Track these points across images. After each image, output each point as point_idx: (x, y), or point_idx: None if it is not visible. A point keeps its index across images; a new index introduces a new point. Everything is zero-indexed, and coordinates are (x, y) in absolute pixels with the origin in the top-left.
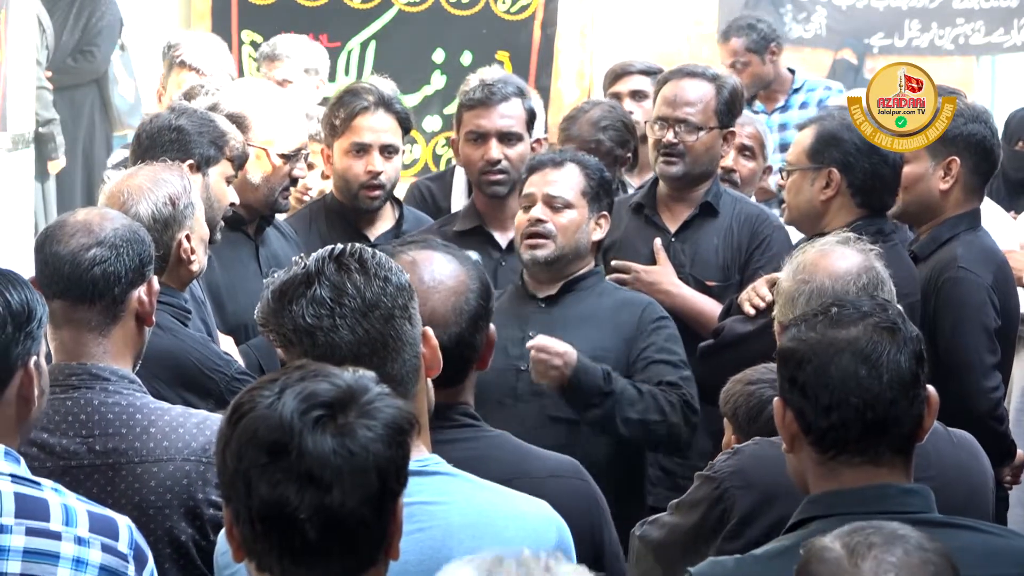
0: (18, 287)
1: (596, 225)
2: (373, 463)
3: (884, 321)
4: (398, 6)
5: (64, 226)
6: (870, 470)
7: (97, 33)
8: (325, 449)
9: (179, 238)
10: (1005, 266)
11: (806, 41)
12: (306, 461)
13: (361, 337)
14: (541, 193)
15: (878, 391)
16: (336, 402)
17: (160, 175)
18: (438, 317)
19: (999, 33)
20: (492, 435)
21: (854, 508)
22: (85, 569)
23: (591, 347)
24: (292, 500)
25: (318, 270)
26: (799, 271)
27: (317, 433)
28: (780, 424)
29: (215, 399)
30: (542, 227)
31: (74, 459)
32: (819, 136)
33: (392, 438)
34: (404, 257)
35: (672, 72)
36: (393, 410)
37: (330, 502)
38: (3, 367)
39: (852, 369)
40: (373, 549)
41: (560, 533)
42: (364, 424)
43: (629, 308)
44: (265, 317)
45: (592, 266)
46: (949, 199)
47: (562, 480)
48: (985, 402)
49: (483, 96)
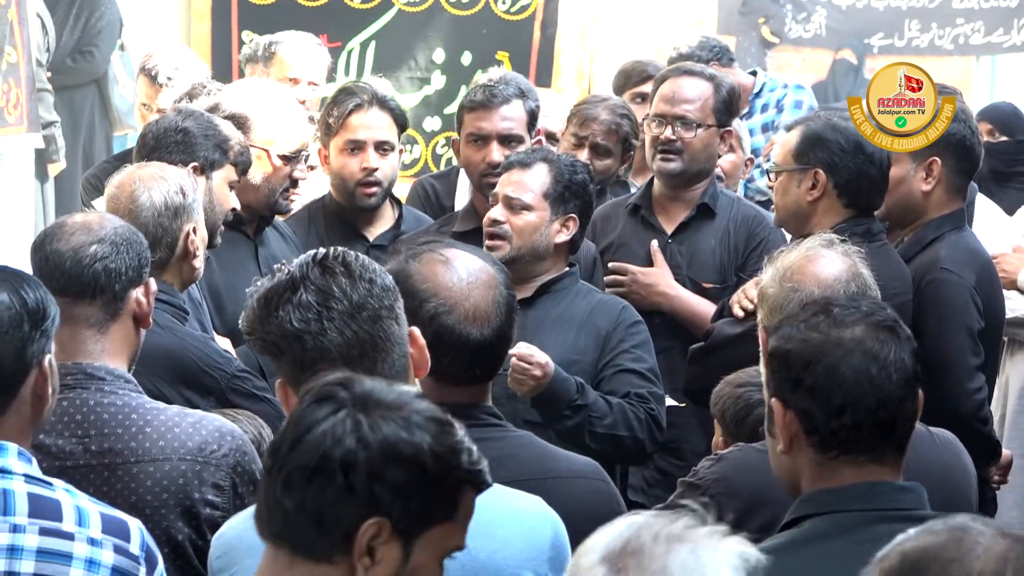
0: (33, 286)
1: (562, 227)
2: (326, 445)
3: (885, 320)
4: (398, 6)
5: (63, 226)
6: (872, 468)
7: (97, 33)
8: (309, 419)
9: (187, 229)
10: (989, 267)
11: (806, 41)
12: (293, 421)
13: (350, 339)
14: (502, 194)
15: (890, 390)
16: (363, 397)
17: (168, 168)
18: (481, 312)
19: (999, 33)
20: (517, 435)
21: (847, 505)
22: (98, 570)
23: (565, 350)
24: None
25: (303, 275)
26: (786, 278)
27: (315, 405)
28: (780, 425)
29: (215, 397)
30: (498, 228)
31: (70, 459)
32: (804, 137)
33: (374, 447)
34: (436, 256)
35: (670, 70)
36: (403, 433)
37: (284, 461)
38: (20, 366)
39: (864, 369)
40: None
41: (555, 530)
42: (357, 419)
43: (604, 311)
44: (251, 325)
45: (565, 268)
46: (931, 200)
47: (586, 480)
48: (969, 403)
49: (484, 98)
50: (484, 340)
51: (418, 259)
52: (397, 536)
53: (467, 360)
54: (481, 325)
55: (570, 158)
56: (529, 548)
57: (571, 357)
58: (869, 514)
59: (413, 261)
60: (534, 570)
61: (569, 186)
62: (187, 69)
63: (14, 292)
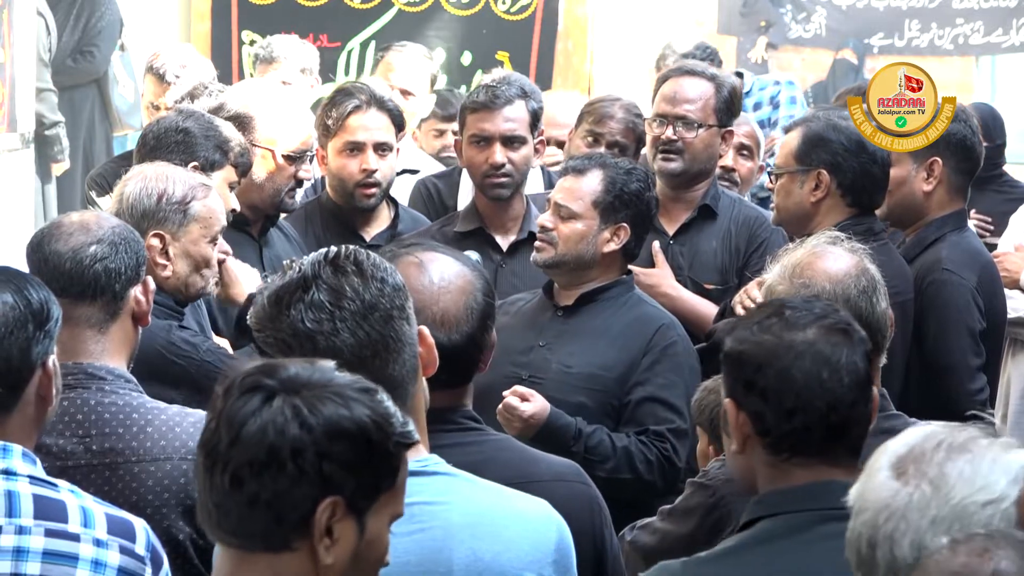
0: (36, 287)
1: (612, 236)
2: (271, 437)
3: (838, 322)
4: (398, 6)
5: (60, 226)
6: (824, 470)
7: (97, 33)
8: (243, 412)
9: (148, 235)
10: (990, 267)
11: (806, 41)
12: (225, 417)
13: (362, 340)
14: (553, 199)
15: (841, 393)
16: (288, 381)
17: (175, 174)
18: (450, 317)
19: (998, 33)
20: (496, 439)
21: (798, 505)
22: (104, 571)
23: (594, 363)
24: (209, 445)
25: (315, 274)
26: (796, 274)
27: (247, 397)
28: (733, 426)
29: (187, 385)
30: (546, 234)
31: (71, 459)
32: (806, 138)
33: (317, 429)
34: (410, 259)
35: (671, 70)
36: (343, 410)
37: (228, 458)
38: (25, 367)
39: (815, 372)
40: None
41: (560, 532)
42: (293, 404)
43: (640, 327)
44: (261, 323)
45: (617, 277)
46: (933, 200)
47: (566, 484)
48: (969, 404)
49: (487, 99)
50: (451, 345)
51: (394, 261)
52: (351, 512)
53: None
54: (449, 330)
55: (629, 164)
56: (534, 550)
57: (596, 372)
58: (820, 513)
59: (391, 261)
60: (538, 572)
61: (621, 195)
62: (194, 68)
63: (18, 293)
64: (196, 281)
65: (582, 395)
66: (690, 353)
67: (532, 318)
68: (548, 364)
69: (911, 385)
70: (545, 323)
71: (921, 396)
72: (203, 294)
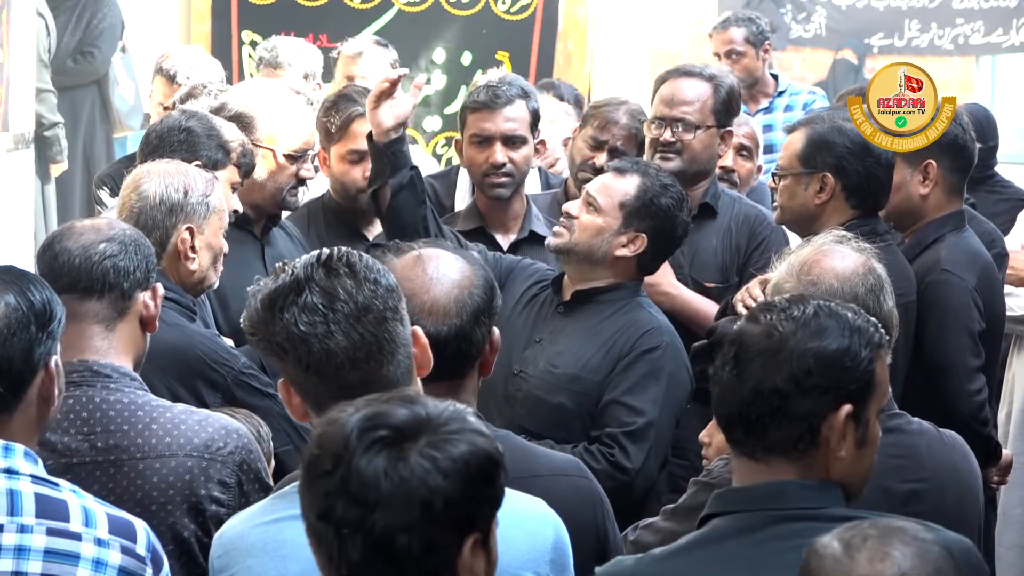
0: (39, 287)
1: (628, 242)
2: (421, 493)
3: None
4: (398, 6)
5: (72, 227)
6: (777, 468)
7: (98, 35)
8: (374, 471)
9: (181, 228)
10: (989, 267)
11: (806, 41)
12: (354, 480)
13: (356, 342)
14: (586, 190)
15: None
16: (405, 427)
17: (188, 168)
18: (439, 307)
19: (998, 33)
20: (497, 434)
21: (750, 505)
22: (105, 570)
23: (576, 365)
24: (337, 513)
25: (307, 276)
26: (803, 272)
27: (371, 454)
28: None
29: (222, 393)
30: (568, 220)
31: (76, 456)
32: (810, 140)
33: (458, 473)
34: (409, 251)
35: (669, 72)
36: (468, 446)
37: (372, 523)
38: (27, 367)
39: (772, 371)
40: None
41: (557, 531)
42: (427, 454)
43: (627, 332)
44: (254, 326)
45: (623, 281)
46: (930, 202)
47: (567, 478)
48: (968, 405)
49: (487, 99)
50: (438, 335)
51: (398, 253)
52: (482, 545)
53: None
54: (437, 320)
55: (668, 179)
56: (531, 549)
57: (579, 374)
58: (770, 514)
59: (394, 256)
60: (535, 571)
61: (649, 205)
62: (203, 69)
63: (21, 294)
64: (211, 275)
65: (563, 396)
66: (675, 359)
67: (539, 311)
68: (538, 362)
69: (910, 385)
70: (547, 317)
71: (920, 396)
72: (210, 287)
